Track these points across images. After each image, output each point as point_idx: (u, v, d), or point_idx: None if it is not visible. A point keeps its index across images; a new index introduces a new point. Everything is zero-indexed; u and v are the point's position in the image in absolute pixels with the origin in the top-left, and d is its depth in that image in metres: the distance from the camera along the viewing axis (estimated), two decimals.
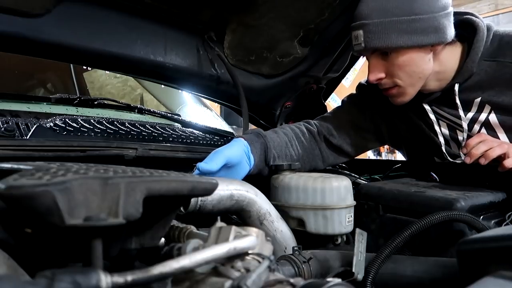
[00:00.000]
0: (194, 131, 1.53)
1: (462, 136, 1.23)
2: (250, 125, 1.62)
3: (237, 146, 1.09)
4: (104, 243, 0.42)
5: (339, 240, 1.02)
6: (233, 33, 1.45)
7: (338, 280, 0.47)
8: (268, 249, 0.60)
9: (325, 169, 1.37)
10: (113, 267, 0.47)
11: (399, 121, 1.36)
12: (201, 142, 1.43)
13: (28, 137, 1.03)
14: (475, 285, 0.47)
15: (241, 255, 0.53)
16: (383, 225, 1.06)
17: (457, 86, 1.19)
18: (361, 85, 1.43)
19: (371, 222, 1.08)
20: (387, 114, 1.36)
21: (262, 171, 1.14)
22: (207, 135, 1.53)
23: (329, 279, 0.47)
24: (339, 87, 1.77)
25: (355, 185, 1.15)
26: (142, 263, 0.60)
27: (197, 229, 0.69)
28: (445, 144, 1.26)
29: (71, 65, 1.99)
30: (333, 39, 1.50)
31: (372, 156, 5.33)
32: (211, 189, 0.56)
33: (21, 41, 1.12)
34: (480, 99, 1.20)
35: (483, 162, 1.03)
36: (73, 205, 0.41)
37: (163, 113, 1.64)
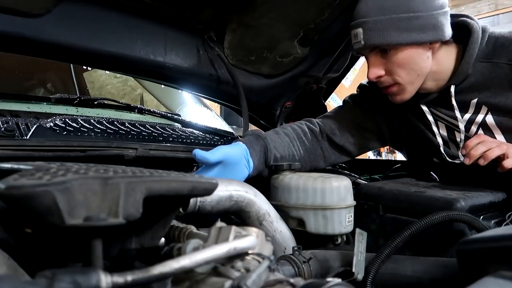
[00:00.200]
0: (194, 131, 1.53)
1: (459, 137, 1.24)
2: (250, 125, 1.62)
3: (237, 147, 1.08)
4: (104, 243, 0.42)
5: (339, 240, 1.02)
6: (233, 33, 1.45)
7: (338, 280, 0.47)
8: (268, 249, 0.60)
9: (325, 169, 1.37)
10: (113, 267, 0.47)
11: (399, 122, 1.36)
12: (201, 142, 1.43)
13: (28, 137, 1.03)
14: (475, 285, 0.47)
15: (241, 255, 0.53)
16: (383, 225, 1.06)
17: (453, 87, 1.20)
18: (363, 85, 1.43)
19: (371, 222, 1.09)
20: (388, 114, 1.37)
21: (262, 172, 1.14)
22: (207, 135, 1.53)
23: (329, 279, 0.47)
24: (339, 87, 1.77)
25: (355, 185, 1.15)
26: (142, 263, 0.60)
27: (197, 229, 0.69)
28: (443, 145, 1.26)
29: (71, 65, 1.99)
30: (333, 39, 1.50)
31: (372, 156, 5.33)
32: (211, 189, 0.56)
33: (21, 41, 1.12)
34: (476, 100, 1.20)
35: (482, 163, 1.03)
36: (73, 205, 0.41)
37: (163, 113, 1.64)
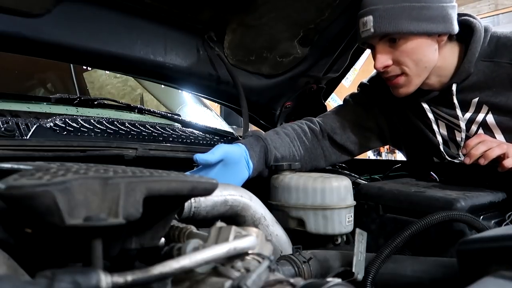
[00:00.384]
0: (194, 131, 1.53)
1: (460, 136, 1.24)
2: (250, 125, 1.62)
3: (237, 147, 1.08)
4: (104, 243, 0.42)
5: (339, 240, 1.02)
6: (233, 33, 1.45)
7: (338, 280, 0.47)
8: (268, 249, 0.60)
9: (325, 169, 1.37)
10: (113, 267, 0.47)
11: (399, 120, 1.36)
12: (201, 142, 1.43)
13: (28, 137, 1.03)
14: (475, 285, 0.47)
15: (241, 255, 0.53)
16: (383, 225, 1.06)
17: (454, 86, 1.20)
18: (363, 85, 1.43)
19: (371, 222, 1.08)
20: (389, 113, 1.37)
21: (262, 173, 1.13)
22: (207, 135, 1.53)
23: (329, 279, 0.47)
24: (339, 87, 1.77)
25: (355, 185, 1.15)
26: (142, 263, 0.60)
27: (197, 229, 0.69)
28: (443, 143, 1.26)
29: (71, 65, 1.99)
30: (333, 39, 1.50)
31: (372, 156, 5.33)
32: (211, 189, 0.56)
33: (21, 41, 1.12)
34: (477, 99, 1.20)
35: (482, 162, 1.03)
36: (73, 205, 0.41)
37: (163, 113, 1.64)
